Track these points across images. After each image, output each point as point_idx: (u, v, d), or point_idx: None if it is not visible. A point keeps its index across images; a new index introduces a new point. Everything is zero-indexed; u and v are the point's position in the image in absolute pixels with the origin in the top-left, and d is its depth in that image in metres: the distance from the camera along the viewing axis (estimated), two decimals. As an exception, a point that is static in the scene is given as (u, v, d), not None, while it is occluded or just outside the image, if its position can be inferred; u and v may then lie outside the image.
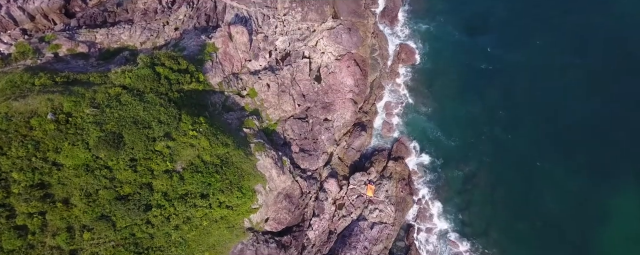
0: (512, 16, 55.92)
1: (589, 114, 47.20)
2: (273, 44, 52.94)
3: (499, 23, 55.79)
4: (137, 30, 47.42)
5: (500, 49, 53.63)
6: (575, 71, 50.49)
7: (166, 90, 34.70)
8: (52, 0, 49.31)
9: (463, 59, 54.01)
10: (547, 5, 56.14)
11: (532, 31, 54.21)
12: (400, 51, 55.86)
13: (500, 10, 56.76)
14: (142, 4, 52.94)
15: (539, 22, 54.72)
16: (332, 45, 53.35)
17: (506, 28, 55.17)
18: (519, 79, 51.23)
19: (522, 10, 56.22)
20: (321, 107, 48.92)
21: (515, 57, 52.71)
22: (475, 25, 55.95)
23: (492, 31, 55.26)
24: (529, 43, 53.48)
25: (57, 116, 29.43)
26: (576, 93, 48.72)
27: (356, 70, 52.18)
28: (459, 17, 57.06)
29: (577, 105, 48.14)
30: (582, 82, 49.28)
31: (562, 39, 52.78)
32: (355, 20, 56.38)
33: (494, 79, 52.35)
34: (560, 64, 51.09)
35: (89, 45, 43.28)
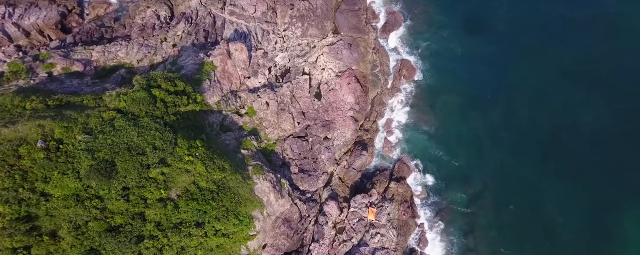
0: (517, 33, 55.04)
1: (597, 135, 46.15)
2: (273, 60, 51.98)
3: (503, 40, 54.91)
4: (135, 48, 46.45)
5: (504, 66, 52.76)
6: (582, 90, 49.52)
7: (162, 114, 33.56)
8: (48, 16, 48.56)
9: (465, 75, 53.03)
10: (555, 23, 55.14)
11: (538, 49, 53.28)
12: (401, 67, 54.91)
13: (504, 27, 55.90)
14: (140, 20, 52.10)
15: (545, 40, 53.81)
16: (332, 61, 52.43)
17: (510, 45, 54.25)
18: (524, 97, 50.23)
19: (527, 28, 55.36)
20: (321, 125, 47.80)
21: (519, 75, 51.78)
22: (479, 41, 55.05)
23: (495, 48, 54.27)
24: (534, 61, 52.52)
25: (47, 144, 28.26)
26: (583, 112, 47.67)
27: (357, 87, 51.16)
28: (462, 33, 56.21)
29: (583, 125, 47.10)
30: (589, 102, 48.28)
31: (569, 57, 51.78)
32: (356, 35, 55.52)
33: (497, 97, 51.31)
34: (566, 83, 50.06)
35: (85, 64, 42.26)
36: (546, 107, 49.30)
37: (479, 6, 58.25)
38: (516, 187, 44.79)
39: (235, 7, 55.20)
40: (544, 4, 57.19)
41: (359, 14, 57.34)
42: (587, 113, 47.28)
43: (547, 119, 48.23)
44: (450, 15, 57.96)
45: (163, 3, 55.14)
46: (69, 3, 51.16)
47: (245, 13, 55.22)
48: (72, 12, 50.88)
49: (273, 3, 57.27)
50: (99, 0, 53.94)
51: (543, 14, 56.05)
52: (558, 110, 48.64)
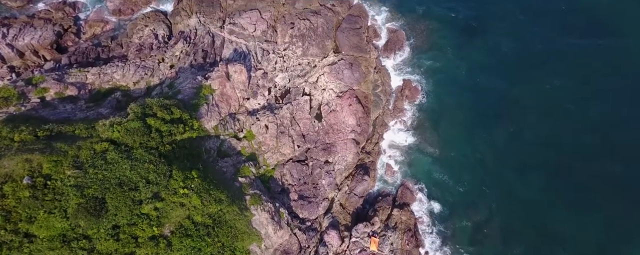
0: (522, 51, 53.86)
1: (608, 158, 44.49)
2: (272, 80, 50.75)
3: (508, 58, 53.70)
4: (131, 69, 45.24)
5: (509, 86, 51.32)
6: (590, 111, 48.07)
7: (157, 144, 32.18)
8: (43, 36, 47.42)
9: (469, 96, 51.66)
10: (562, 41, 53.94)
11: (544, 68, 52.02)
12: (403, 87, 53.61)
13: (508, 45, 54.74)
14: (137, 39, 51.00)
15: (551, 59, 52.58)
16: (333, 81, 51.16)
17: (515, 64, 53.01)
18: (529, 119, 48.73)
19: (532, 46, 54.20)
20: (322, 148, 46.35)
21: (525, 94, 50.34)
22: (483, 60, 53.88)
23: (500, 67, 53.06)
24: (540, 80, 51.18)
25: (34, 180, 26.78)
26: (592, 135, 46.15)
27: (358, 108, 49.83)
28: (465, 52, 55.03)
29: (593, 148, 45.55)
30: (598, 124, 46.86)
31: (577, 77, 50.44)
32: (357, 54, 54.38)
33: (502, 118, 49.85)
34: (574, 103, 48.67)
35: (79, 87, 40.97)
36: (553, 130, 47.81)
37: (482, 24, 57.18)
38: (523, 214, 43.12)
39: (235, 25, 54.23)
40: (548, 22, 56.25)
41: (360, 33, 56.29)
42: (597, 136, 45.85)
43: (554, 142, 46.72)
44: (453, 33, 56.92)
45: (161, 21, 54.20)
46: (64, 22, 50.13)
47: (245, 32, 54.26)
48: (67, 31, 49.79)
49: (273, 21, 56.41)
50: (96, 19, 52.98)
51: (549, 32, 54.96)
52: (566, 132, 47.21)
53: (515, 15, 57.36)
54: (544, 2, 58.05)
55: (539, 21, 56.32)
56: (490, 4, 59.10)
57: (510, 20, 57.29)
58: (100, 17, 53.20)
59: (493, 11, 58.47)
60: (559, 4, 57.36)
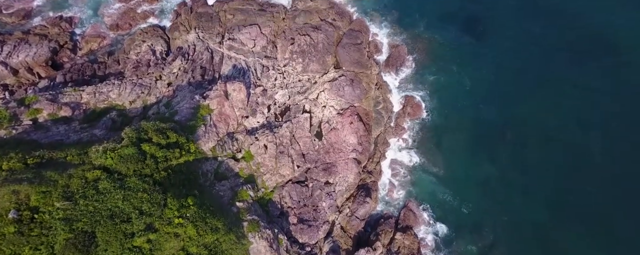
0: (527, 69, 52.65)
1: (616, 181, 43.13)
2: (272, 97, 49.61)
3: (513, 76, 52.42)
4: (127, 87, 44.11)
5: (513, 104, 50.16)
6: (600, 129, 46.80)
7: (152, 171, 30.89)
8: (38, 53, 46.35)
9: (473, 113, 50.46)
10: (567, 60, 52.68)
11: (549, 87, 50.82)
12: (405, 104, 52.49)
13: (513, 62, 53.50)
14: (134, 55, 49.93)
15: (557, 78, 51.33)
16: (333, 98, 50.00)
17: (520, 82, 51.76)
18: (535, 138, 47.55)
19: (537, 64, 52.95)
20: (322, 168, 45.05)
21: (530, 114, 49.15)
22: (487, 77, 52.69)
23: (504, 84, 51.85)
24: (546, 99, 49.96)
25: (20, 214, 25.52)
26: (602, 155, 44.83)
27: (359, 126, 48.63)
28: (469, 67, 53.88)
29: (601, 171, 44.17)
30: (606, 145, 45.59)
31: (583, 97, 49.31)
32: (358, 70, 53.22)
33: (508, 136, 48.55)
34: (583, 121, 47.45)
35: (73, 107, 39.78)
36: (560, 148, 46.59)
37: (486, 40, 56.02)
38: (530, 237, 41.69)
39: (234, 41, 53.22)
40: (553, 41, 54.97)
41: (361, 48, 55.27)
42: (605, 157, 44.62)
43: (560, 163, 45.49)
44: (455, 48, 55.74)
45: (159, 37, 53.19)
46: (60, 38, 49.11)
47: (244, 47, 53.23)
48: (63, 47, 48.75)
49: (273, 37, 55.44)
50: (93, 34, 51.96)
51: (554, 50, 53.84)
52: (573, 153, 45.97)
53: (520, 31, 56.24)
54: (549, 20, 56.81)
55: (544, 39, 55.09)
56: (494, 19, 58.02)
57: (515, 36, 56.09)
58: (97, 32, 52.23)
59: (497, 26, 57.35)
60: (564, 21, 56.18)
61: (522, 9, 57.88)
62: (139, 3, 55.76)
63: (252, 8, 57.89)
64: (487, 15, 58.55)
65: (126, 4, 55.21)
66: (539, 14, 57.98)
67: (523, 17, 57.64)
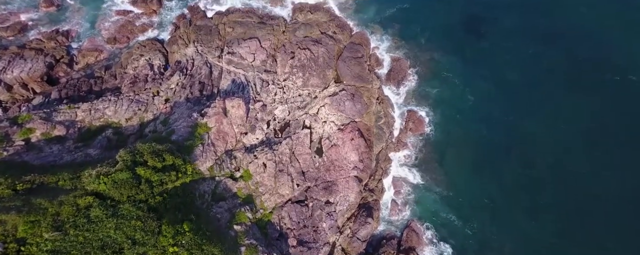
0: (531, 83, 51.75)
1: (627, 200, 42.05)
2: (272, 113, 48.54)
3: (517, 90, 51.57)
4: (124, 104, 43.05)
5: (518, 119, 49.24)
6: (609, 147, 45.78)
7: (146, 196, 29.73)
8: (33, 68, 45.29)
9: (477, 128, 49.48)
10: (572, 73, 51.85)
11: (554, 101, 49.88)
12: (407, 119, 51.46)
13: (518, 75, 52.66)
14: (132, 69, 48.89)
15: (561, 92, 50.44)
16: (334, 113, 48.96)
17: (525, 96, 50.89)
18: (542, 154, 46.49)
19: (541, 78, 52.10)
20: (322, 187, 43.86)
21: (535, 129, 48.17)
22: (490, 91, 51.86)
23: (509, 99, 50.95)
24: (553, 111, 49.04)
25: (6, 246, 24.31)
26: (610, 173, 43.72)
27: (360, 142, 47.50)
28: (472, 81, 53.03)
29: (610, 190, 43.03)
30: (618, 161, 44.46)
31: (589, 111, 48.44)
32: (359, 84, 52.20)
33: (513, 152, 47.49)
34: (592, 138, 46.47)
35: (68, 126, 38.67)
36: (567, 166, 45.48)
37: (489, 53, 55.30)
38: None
39: (233, 55, 52.27)
40: (558, 52, 54.21)
41: (362, 61, 54.31)
42: (615, 175, 43.49)
43: (569, 181, 44.36)
44: (458, 61, 55.00)
45: (157, 51, 52.20)
46: (56, 52, 48.08)
47: (244, 61, 52.26)
48: (59, 62, 47.72)
49: (273, 50, 54.51)
50: (90, 48, 50.96)
51: (559, 62, 53.01)
52: (581, 170, 44.81)
53: (524, 45, 55.44)
54: (554, 36, 55.90)
55: (549, 54, 54.29)
56: (497, 32, 57.21)
57: (518, 50, 55.34)
58: (94, 45, 51.25)
59: (500, 40, 56.57)
60: (569, 37, 55.26)
61: (526, 24, 57.13)
62: (138, 16, 54.91)
63: (252, 21, 57.10)
64: (489, 29, 57.78)
65: (124, 17, 54.33)
66: (543, 30, 57.21)
67: (527, 32, 56.90)
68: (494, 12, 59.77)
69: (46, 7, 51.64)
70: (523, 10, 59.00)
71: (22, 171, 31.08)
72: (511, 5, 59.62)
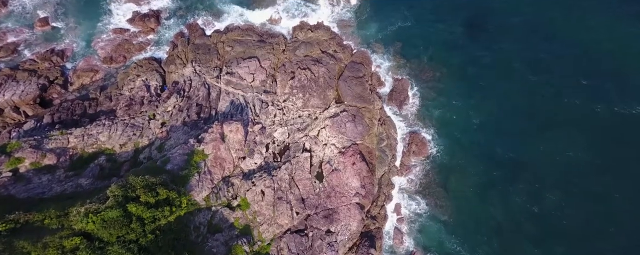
0: (538, 105, 49.86)
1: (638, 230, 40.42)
2: (271, 136, 47.00)
3: (525, 109, 49.72)
4: (118, 129, 41.51)
5: (524, 143, 47.36)
6: (622, 170, 43.81)
7: (137, 236, 28.03)
8: (25, 91, 43.83)
9: (482, 152, 47.70)
10: (578, 96, 50.01)
11: (565, 120, 48.10)
12: (410, 141, 49.85)
13: (524, 93, 50.82)
14: (128, 91, 47.48)
15: (566, 115, 48.70)
16: (335, 135, 47.40)
17: (533, 115, 49.04)
18: (550, 180, 44.62)
19: (550, 94, 50.31)
20: (323, 215, 42.12)
21: (544, 151, 46.27)
22: (496, 112, 49.98)
23: (514, 121, 49.09)
24: (560, 134, 47.14)
25: (-15, 297, 22.71)
26: (621, 203, 41.84)
27: (362, 166, 45.89)
28: (477, 102, 51.23)
29: (621, 220, 41.11)
30: (630, 185, 42.54)
31: (602, 130, 46.64)
32: (361, 105, 50.71)
33: (520, 177, 45.61)
34: (602, 163, 44.44)
35: (59, 154, 37.07)
36: (577, 192, 43.53)
37: (493, 72, 53.56)
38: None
39: (232, 75, 50.85)
40: (563, 71, 52.44)
41: (363, 81, 52.90)
42: (629, 201, 41.59)
43: (579, 206, 42.48)
44: (462, 81, 53.25)
45: (154, 70, 50.81)
46: (51, 73, 46.68)
47: (243, 82, 50.85)
48: (53, 83, 46.37)
49: (272, 70, 53.16)
50: (85, 68, 49.55)
51: (565, 84, 51.18)
52: (593, 196, 42.90)
53: (530, 63, 53.65)
54: (562, 53, 54.19)
55: (557, 72, 52.52)
56: (502, 50, 55.51)
57: (524, 69, 53.59)
58: (90, 65, 49.86)
59: (505, 58, 54.88)
60: (577, 53, 53.62)
61: (531, 46, 55.49)
62: (135, 34, 53.64)
63: (251, 39, 55.85)
64: (493, 49, 56.29)
65: (121, 35, 53.03)
66: (551, 46, 55.58)
67: (533, 49, 55.28)
68: (497, 32, 58.24)
69: (41, 26, 50.40)
70: (528, 32, 57.40)
71: (7, 207, 29.47)
72: (515, 26, 58.21)
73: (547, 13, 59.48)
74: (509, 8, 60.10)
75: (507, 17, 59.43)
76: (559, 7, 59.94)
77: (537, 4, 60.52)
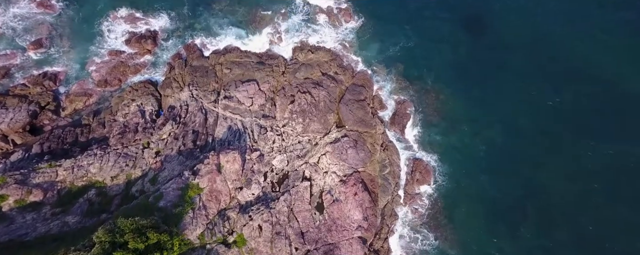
0: (548, 126, 48.15)
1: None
2: (269, 163, 44.99)
3: (534, 135, 47.99)
4: (110, 159, 39.58)
5: (532, 171, 45.63)
6: (636, 201, 42.16)
7: (124, 287, 26.18)
8: (15, 119, 41.87)
9: (489, 180, 45.76)
10: (594, 118, 48.28)
11: (574, 146, 46.46)
12: (414, 169, 47.89)
13: (532, 117, 49.20)
14: (122, 117, 45.51)
15: (582, 135, 47.02)
16: (336, 163, 45.41)
17: (542, 142, 47.32)
18: (561, 211, 42.71)
19: (559, 118, 48.63)
20: (323, 251, 39.82)
21: (554, 180, 44.46)
22: (502, 138, 48.29)
23: (522, 147, 47.35)
24: (570, 161, 45.43)
25: None
26: (634, 238, 40.09)
27: (364, 197, 43.83)
28: (482, 127, 49.49)
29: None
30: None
31: (614, 157, 44.88)
32: (362, 130, 48.86)
33: (529, 208, 43.68)
34: (614, 193, 42.65)
35: (46, 188, 35.03)
36: (589, 225, 41.72)
37: (500, 95, 51.84)
38: None
39: (230, 100, 48.97)
40: (577, 93, 50.70)
41: (365, 105, 50.95)
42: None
43: (591, 242, 40.59)
44: (467, 104, 51.52)
45: (150, 94, 48.90)
46: (42, 98, 44.80)
47: (241, 106, 48.95)
48: (44, 109, 44.51)
49: (272, 93, 51.32)
50: (78, 92, 47.66)
51: (578, 105, 49.46)
52: (607, 229, 40.98)
53: (536, 87, 51.92)
54: (568, 75, 52.53)
55: (564, 95, 50.88)
56: (508, 71, 53.76)
57: (530, 92, 51.83)
58: (84, 89, 48.02)
59: (511, 80, 53.08)
60: (586, 77, 51.88)
61: (539, 66, 53.80)
62: (131, 56, 51.83)
63: (250, 61, 54.08)
64: (498, 70, 54.43)
65: (117, 57, 51.20)
66: (562, 68, 53.61)
67: (543, 71, 53.43)
68: (502, 52, 56.58)
69: (34, 48, 48.65)
70: (537, 52, 55.66)
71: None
72: (521, 46, 56.59)
73: (556, 32, 57.68)
74: (516, 28, 58.33)
75: (514, 37, 57.64)
76: (569, 25, 58.09)
77: (545, 23, 58.74)
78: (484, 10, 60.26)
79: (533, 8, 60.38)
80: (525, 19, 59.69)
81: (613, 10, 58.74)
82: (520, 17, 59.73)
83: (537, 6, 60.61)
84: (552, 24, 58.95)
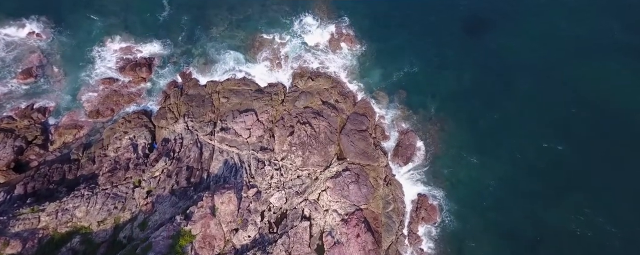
0: (560, 160, 45.58)
1: None
2: (267, 201, 42.34)
3: (544, 169, 45.37)
4: (98, 201, 36.94)
5: (543, 208, 42.96)
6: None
7: None
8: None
9: (498, 218, 43.10)
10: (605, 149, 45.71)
11: (587, 180, 43.89)
12: (419, 205, 45.14)
13: (542, 148, 46.69)
14: (113, 151, 42.94)
15: (596, 167, 44.45)
16: (337, 200, 42.68)
17: (553, 177, 44.66)
18: (578, 251, 40.25)
19: (573, 151, 46.09)
20: (324, 300, 37.42)
21: (567, 218, 41.84)
22: (511, 172, 45.60)
23: (532, 182, 44.65)
24: (586, 199, 42.82)
25: None
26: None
27: (367, 238, 41.04)
28: (490, 160, 46.86)
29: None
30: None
31: (631, 193, 42.37)
32: (364, 163, 46.16)
33: (541, 250, 41.00)
34: (631, 236, 40.11)
35: (26, 238, 32.23)
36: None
37: (507, 124, 49.36)
38: None
39: (227, 132, 46.50)
40: (587, 120, 48.30)
41: (366, 136, 48.31)
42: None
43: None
44: (472, 135, 49.00)
45: (143, 126, 46.36)
46: (29, 132, 42.20)
47: (238, 139, 46.35)
48: (31, 143, 42.03)
49: (270, 123, 48.97)
50: (69, 124, 45.12)
51: (590, 134, 47.05)
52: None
53: (544, 114, 49.62)
54: (577, 101, 50.23)
55: (574, 123, 48.50)
56: (515, 97, 51.43)
57: (538, 121, 49.41)
58: (74, 121, 45.56)
59: (517, 109, 50.73)
60: (593, 100, 49.40)
61: (546, 91, 51.40)
62: (125, 85, 49.44)
63: (249, 89, 51.68)
64: (504, 97, 52.02)
65: (110, 86, 48.83)
66: (572, 93, 51.10)
67: (553, 98, 50.89)
68: (508, 77, 54.22)
69: (23, 78, 46.29)
70: (544, 77, 53.25)
71: None
72: (529, 72, 54.14)
73: (567, 56, 55.14)
74: (523, 53, 55.88)
75: (521, 61, 55.31)
76: (581, 49, 55.51)
77: (555, 48, 56.28)
78: (489, 35, 58.01)
79: (541, 32, 58.31)
80: (534, 43, 57.37)
81: (628, 34, 56.67)
82: (527, 42, 57.50)
83: (546, 29, 58.56)
84: (563, 48, 56.76)
